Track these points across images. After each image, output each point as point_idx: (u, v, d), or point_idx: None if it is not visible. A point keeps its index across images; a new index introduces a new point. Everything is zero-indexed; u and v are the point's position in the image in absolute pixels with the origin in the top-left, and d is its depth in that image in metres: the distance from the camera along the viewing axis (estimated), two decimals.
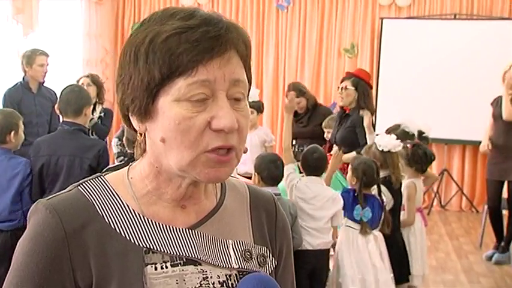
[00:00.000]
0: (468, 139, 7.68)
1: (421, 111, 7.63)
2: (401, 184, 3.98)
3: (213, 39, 0.93)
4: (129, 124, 1.02)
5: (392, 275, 3.77)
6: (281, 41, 8.55)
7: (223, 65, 0.94)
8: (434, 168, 8.03)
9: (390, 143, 3.91)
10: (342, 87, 5.02)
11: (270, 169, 3.56)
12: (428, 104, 7.77)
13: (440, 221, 7.40)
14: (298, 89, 5.53)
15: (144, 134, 1.01)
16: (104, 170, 3.27)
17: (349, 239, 3.69)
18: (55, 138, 3.79)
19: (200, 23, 0.93)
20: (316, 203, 3.64)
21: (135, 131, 1.02)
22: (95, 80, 5.64)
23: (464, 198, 8.02)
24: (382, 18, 8.09)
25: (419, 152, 4.19)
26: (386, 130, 4.50)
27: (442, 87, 7.74)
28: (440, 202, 8.02)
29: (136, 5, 8.87)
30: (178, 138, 0.94)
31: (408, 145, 4.20)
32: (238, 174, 4.42)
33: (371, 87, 5.12)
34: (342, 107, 5.12)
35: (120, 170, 1.08)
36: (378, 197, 3.74)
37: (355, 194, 3.72)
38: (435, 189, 7.93)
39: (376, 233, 3.74)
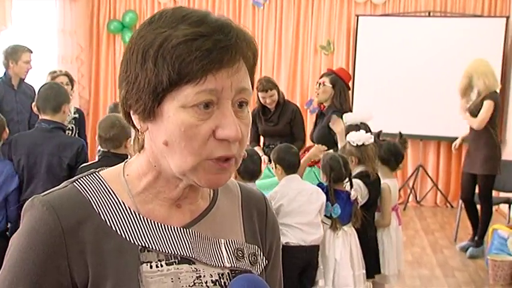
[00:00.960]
0: (443, 135, 7.78)
1: (396, 108, 7.73)
2: (378, 176, 3.98)
3: (224, 49, 0.93)
4: (129, 121, 1.01)
5: (364, 271, 3.79)
6: (257, 38, 8.54)
7: (232, 74, 0.94)
8: (409, 164, 8.15)
9: (362, 137, 3.93)
10: (319, 83, 5.00)
11: (245, 163, 3.50)
12: (403, 100, 7.85)
13: (415, 217, 7.49)
14: (271, 82, 5.47)
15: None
16: (78, 168, 3.21)
17: None
18: (33, 136, 3.75)
19: (212, 30, 0.93)
20: (301, 198, 3.60)
21: (135, 128, 1.01)
22: (71, 79, 5.57)
23: (439, 193, 8.13)
24: (357, 16, 8.15)
25: (380, 142, 4.19)
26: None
27: (416, 83, 7.83)
28: (416, 198, 8.12)
29: (111, 2, 8.80)
30: (182, 144, 0.94)
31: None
32: None
33: (349, 88, 5.08)
34: (319, 105, 5.12)
35: (115, 167, 1.08)
36: (349, 191, 3.76)
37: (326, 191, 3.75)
38: (411, 185, 8.03)
39: (347, 228, 3.74)
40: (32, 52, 5.35)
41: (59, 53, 8.14)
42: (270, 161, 4.99)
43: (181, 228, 1.03)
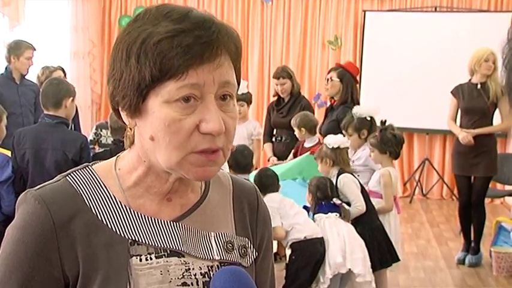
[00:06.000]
0: (449, 129, 7.82)
1: (402, 102, 7.81)
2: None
3: (205, 45, 0.93)
4: (119, 116, 1.03)
5: (366, 253, 3.81)
6: (266, 33, 8.67)
7: (214, 69, 0.95)
8: (415, 158, 8.24)
9: (338, 140, 4.06)
10: (327, 78, 5.09)
11: (236, 158, 3.81)
12: (409, 94, 7.92)
13: (421, 209, 7.57)
14: (285, 71, 5.60)
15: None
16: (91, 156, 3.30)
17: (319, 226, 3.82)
18: (38, 131, 3.76)
19: (193, 26, 0.94)
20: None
21: (124, 123, 1.03)
22: (65, 73, 5.63)
23: (445, 186, 8.20)
24: (364, 11, 8.23)
25: (388, 135, 4.24)
26: (342, 125, 4.54)
27: (423, 78, 7.89)
28: (422, 191, 8.20)
29: None
30: (167, 139, 0.95)
31: (376, 133, 4.28)
32: None
33: (357, 82, 5.17)
34: (330, 100, 5.22)
35: (108, 161, 1.10)
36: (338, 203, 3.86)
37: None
38: (417, 178, 8.11)
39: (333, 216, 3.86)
40: (35, 49, 5.41)
41: (71, 49, 8.26)
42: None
43: (171, 222, 1.05)
